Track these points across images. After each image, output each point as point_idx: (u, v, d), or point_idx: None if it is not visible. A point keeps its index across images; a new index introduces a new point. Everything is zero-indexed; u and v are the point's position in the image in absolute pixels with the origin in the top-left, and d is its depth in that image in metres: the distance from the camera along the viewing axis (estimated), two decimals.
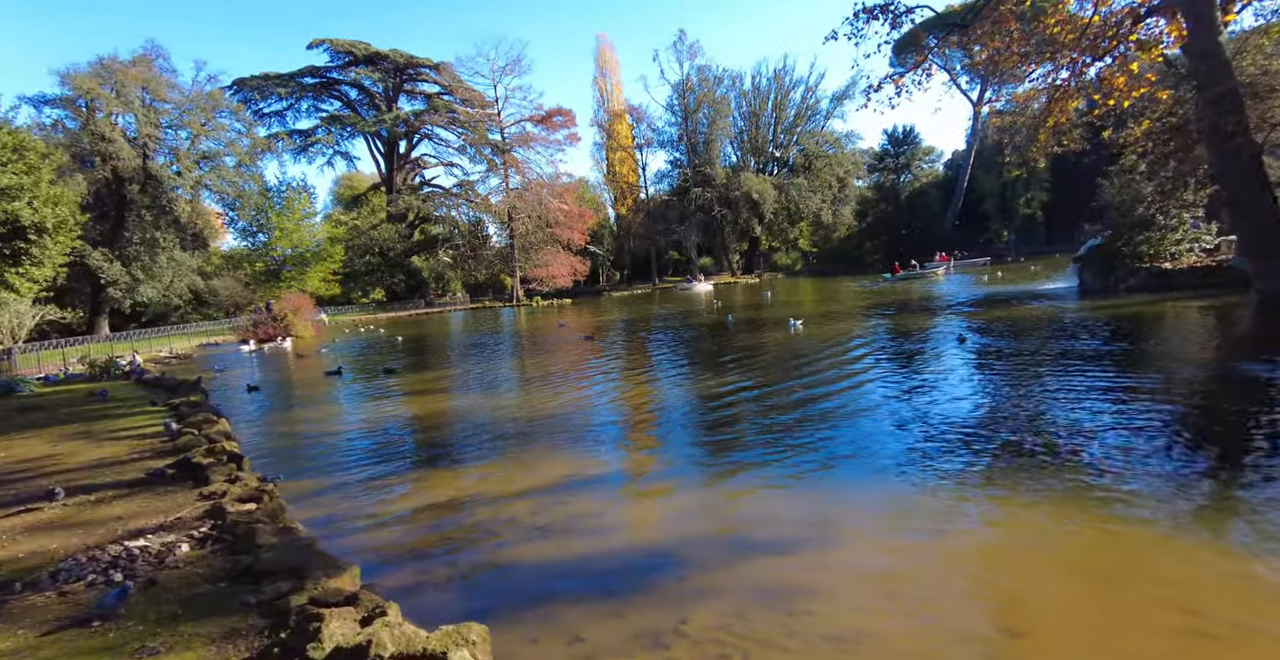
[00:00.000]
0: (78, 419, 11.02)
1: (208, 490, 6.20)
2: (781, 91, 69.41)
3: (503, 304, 56.51)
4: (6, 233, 24.11)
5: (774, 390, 10.36)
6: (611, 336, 23.23)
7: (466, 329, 34.83)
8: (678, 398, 10.60)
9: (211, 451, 7.59)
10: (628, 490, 6.07)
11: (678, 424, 8.85)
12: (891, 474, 5.78)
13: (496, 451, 7.82)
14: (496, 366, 17.45)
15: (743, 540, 4.61)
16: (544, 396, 11.70)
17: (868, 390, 9.72)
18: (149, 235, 38.23)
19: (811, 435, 7.44)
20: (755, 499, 5.60)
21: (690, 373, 13.25)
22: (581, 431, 8.69)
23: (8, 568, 4.63)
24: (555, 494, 5.87)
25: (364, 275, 56.17)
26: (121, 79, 35.50)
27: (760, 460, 6.74)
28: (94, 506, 6.02)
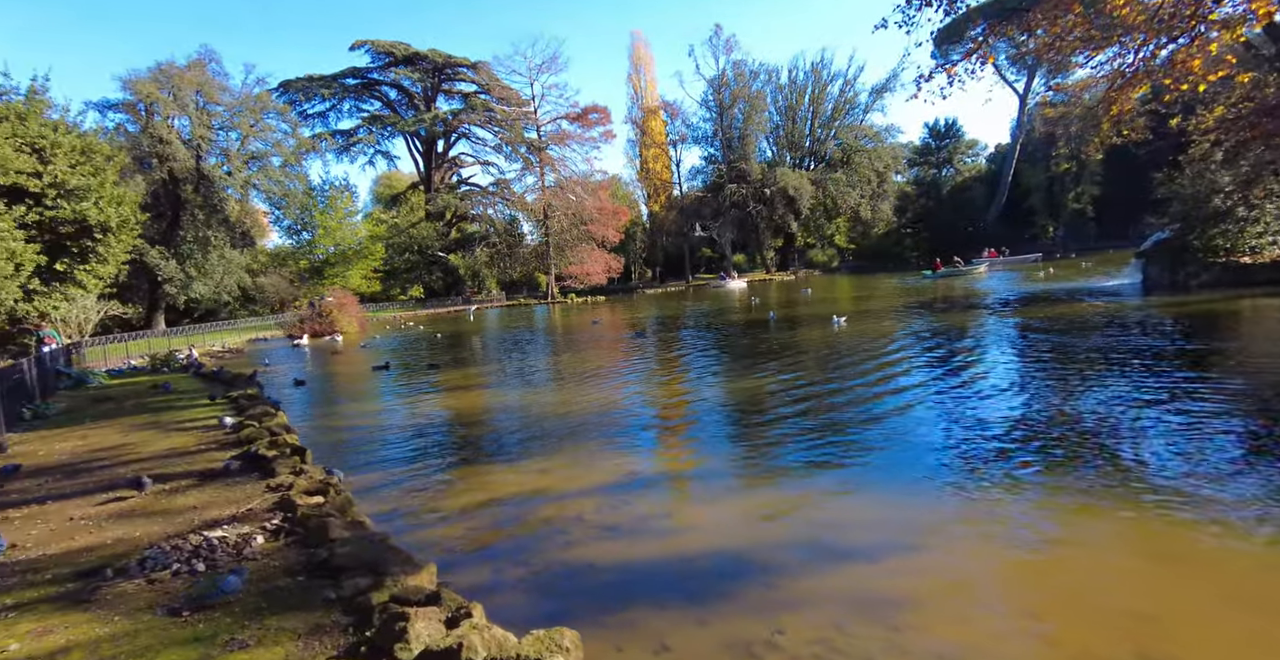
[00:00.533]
0: (145, 410, 11.41)
1: (274, 482, 6.30)
2: (819, 85, 68.20)
3: (537, 301, 56.95)
4: (75, 232, 25.17)
5: (822, 389, 10.10)
6: (651, 334, 23.12)
7: (503, 326, 35.17)
8: (726, 396, 10.41)
9: (274, 444, 7.73)
10: (692, 490, 5.93)
11: (730, 423, 8.69)
12: (956, 476, 5.56)
13: (551, 448, 7.78)
14: (537, 363, 17.51)
15: (823, 546, 4.43)
16: (590, 393, 11.64)
17: (920, 390, 9.40)
18: (201, 234, 39.65)
19: (867, 435, 7.20)
20: (824, 502, 5.41)
21: (736, 370, 13.03)
22: (634, 429, 8.59)
23: (98, 554, 4.76)
24: (618, 492, 5.78)
25: (403, 272, 57.29)
26: (178, 83, 36.87)
27: (820, 460, 6.55)
28: (170, 496, 6.17)
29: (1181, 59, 15.42)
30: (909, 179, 74.62)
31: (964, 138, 73.31)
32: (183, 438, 8.82)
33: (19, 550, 4.95)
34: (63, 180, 24.09)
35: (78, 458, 7.93)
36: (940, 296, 27.26)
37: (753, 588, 3.82)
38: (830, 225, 74.84)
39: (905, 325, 18.04)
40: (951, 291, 29.76)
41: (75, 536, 5.18)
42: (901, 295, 30.26)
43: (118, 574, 4.31)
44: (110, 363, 21.46)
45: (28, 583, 4.32)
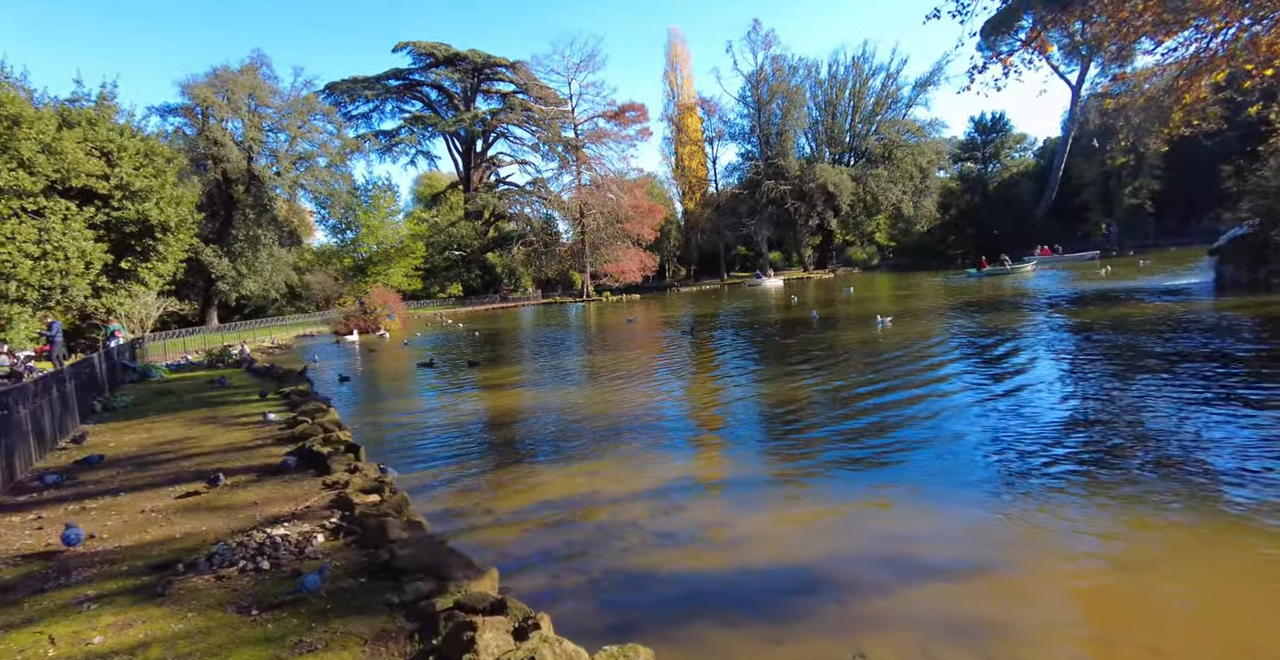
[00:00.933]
0: (203, 404, 11.81)
1: (331, 480, 6.39)
2: (860, 79, 66.65)
3: (572, 299, 57.28)
4: (138, 231, 26.38)
5: (870, 393, 9.78)
6: (699, 333, 22.92)
7: (540, 323, 35.45)
8: (771, 398, 10.18)
9: (328, 440, 7.87)
10: (746, 497, 5.75)
11: (778, 426, 8.46)
12: (1019, 485, 5.26)
13: (597, 449, 7.71)
14: (576, 361, 17.52)
15: (897, 561, 4.22)
16: (631, 393, 11.55)
17: (973, 393, 9.01)
18: (252, 233, 41.08)
19: (924, 442, 6.91)
20: (889, 513, 5.18)
21: (779, 372, 12.74)
22: (680, 431, 8.46)
23: (169, 547, 4.88)
24: (672, 498, 5.66)
25: (443, 270, 58.35)
26: (232, 87, 38.25)
27: (877, 467, 6.31)
28: (232, 491, 6.32)
29: (1269, 42, 14.47)
30: (953, 175, 72.39)
31: (1012, 132, 70.69)
32: (240, 433, 9.07)
33: (96, 541, 5.12)
34: (128, 182, 25.22)
35: (146, 450, 8.22)
36: (988, 296, 26.29)
37: (827, 605, 3.65)
38: (870, 222, 73.22)
39: (954, 326, 17.42)
40: (999, 291, 28.70)
41: (148, 529, 5.33)
42: (946, 294, 29.33)
43: (188, 569, 4.39)
44: (169, 357, 22.40)
45: (106, 574, 4.45)
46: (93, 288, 24.78)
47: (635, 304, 47.46)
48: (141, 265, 27.16)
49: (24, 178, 21.32)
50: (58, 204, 22.75)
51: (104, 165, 24.43)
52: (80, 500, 6.28)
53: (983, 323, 17.54)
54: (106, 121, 25.84)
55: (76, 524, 5.52)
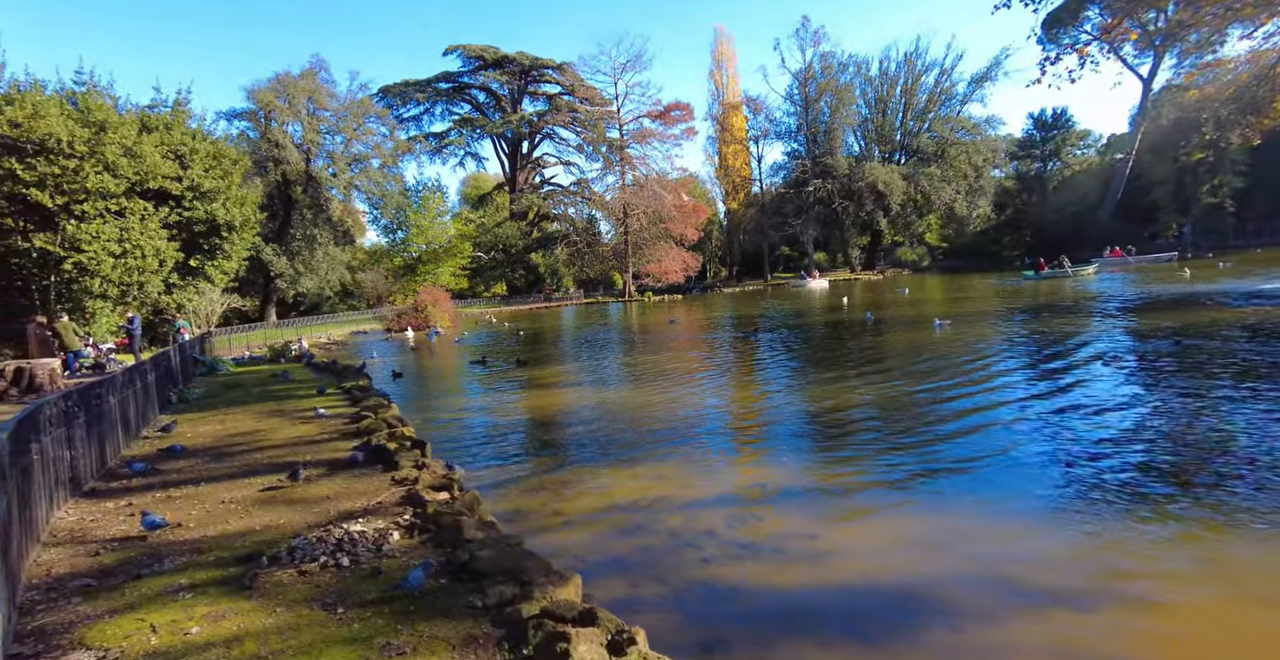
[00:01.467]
0: (269, 398, 12.20)
1: (399, 476, 6.43)
2: (913, 76, 64.75)
3: (614, 299, 57.46)
4: (206, 230, 27.66)
5: (938, 398, 9.36)
6: (741, 334, 22.60)
7: (584, 323, 35.62)
8: (836, 403, 9.85)
9: (393, 436, 7.97)
10: (827, 508, 5.49)
11: (848, 433, 8.14)
12: (1124, 506, 4.82)
13: (661, 451, 7.58)
14: (624, 361, 17.46)
15: (1008, 585, 3.93)
16: (688, 394, 11.38)
17: (1051, 402, 8.50)
18: (309, 232, 42.61)
19: (1006, 450, 6.51)
20: (981, 529, 4.86)
21: (839, 375, 12.36)
22: (745, 436, 8.25)
23: (250, 539, 4.97)
24: (747, 505, 5.48)
25: (488, 270, 59.40)
26: (292, 91, 39.78)
27: (959, 472, 5.96)
28: (305, 484, 6.43)
29: None
30: (1009, 173, 69.51)
31: (1074, 128, 67.27)
32: (306, 426, 9.29)
33: (184, 530, 5.26)
34: (198, 183, 26.47)
35: (220, 442, 8.50)
36: (1050, 299, 25.04)
37: (935, 630, 3.41)
38: (920, 222, 70.91)
39: (1017, 330, 16.60)
40: (1060, 294, 27.35)
41: (229, 520, 5.45)
42: (1003, 297, 28.11)
43: (271, 562, 4.45)
44: (234, 352, 23.37)
45: (195, 563, 4.55)
46: (165, 284, 26.12)
47: (677, 305, 47.22)
48: (208, 263, 28.47)
49: (109, 180, 22.61)
50: (136, 204, 24.03)
51: (178, 167, 25.70)
52: (166, 489, 6.50)
53: (1050, 327, 16.67)
54: (181, 126, 27.19)
55: (164, 513, 5.71)
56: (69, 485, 6.11)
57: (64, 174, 21.67)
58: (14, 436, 4.38)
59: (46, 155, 21.46)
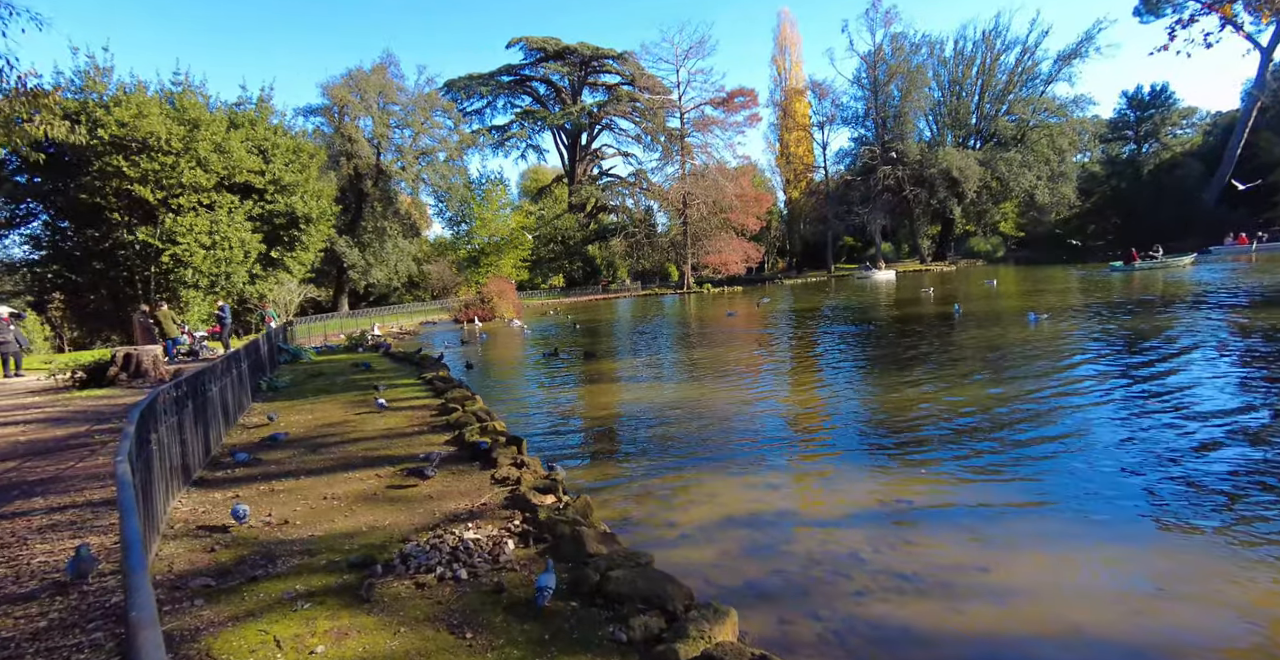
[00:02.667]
0: (353, 387, 12.33)
1: (499, 474, 6.15)
2: (991, 55, 60.81)
3: (672, 291, 56.87)
4: (285, 222, 28.74)
5: (1073, 403, 8.36)
6: (819, 328, 21.66)
7: (645, 315, 35.25)
8: (959, 403, 8.93)
9: (485, 430, 7.74)
10: (993, 532, 4.70)
11: (987, 438, 7.26)
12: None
13: (769, 455, 7.01)
14: (699, 354, 16.90)
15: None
16: (782, 392, 10.72)
17: (1206, 410, 7.38)
18: (379, 225, 43.94)
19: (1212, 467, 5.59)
20: (1223, 568, 4.07)
21: (952, 372, 11.31)
22: (864, 439, 7.52)
23: (358, 541, 4.75)
24: (888, 524, 4.87)
25: (547, 262, 59.85)
26: (364, 87, 40.94)
27: (1141, 493, 5.14)
28: (404, 480, 6.23)
29: None
30: (1095, 157, 64.49)
31: (1176, 106, 61.61)
32: (394, 418, 9.23)
33: (291, 527, 5.11)
34: (279, 177, 27.48)
35: (313, 432, 8.50)
36: (1152, 293, 22.85)
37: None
38: (995, 210, 66.80)
39: (1126, 326, 15.05)
40: (1158, 287, 25.00)
41: (334, 518, 5.28)
42: (1095, 290, 25.93)
43: (386, 570, 4.19)
44: (311, 340, 24.19)
45: (308, 567, 4.34)
46: (249, 275, 27.32)
47: (738, 296, 46.19)
48: (287, 254, 29.61)
49: (201, 175, 23.71)
50: (224, 198, 25.15)
51: (261, 162, 26.75)
52: (268, 481, 6.44)
53: (1166, 322, 15.04)
54: (264, 122, 28.27)
55: (269, 508, 5.61)
56: (181, 474, 6.12)
57: (163, 170, 22.85)
58: (137, 428, 4.27)
59: (148, 152, 22.68)
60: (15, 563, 4.61)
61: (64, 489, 6.50)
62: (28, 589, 4.09)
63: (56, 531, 5.25)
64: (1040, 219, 69.69)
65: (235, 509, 5.16)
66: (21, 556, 4.70)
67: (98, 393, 12.78)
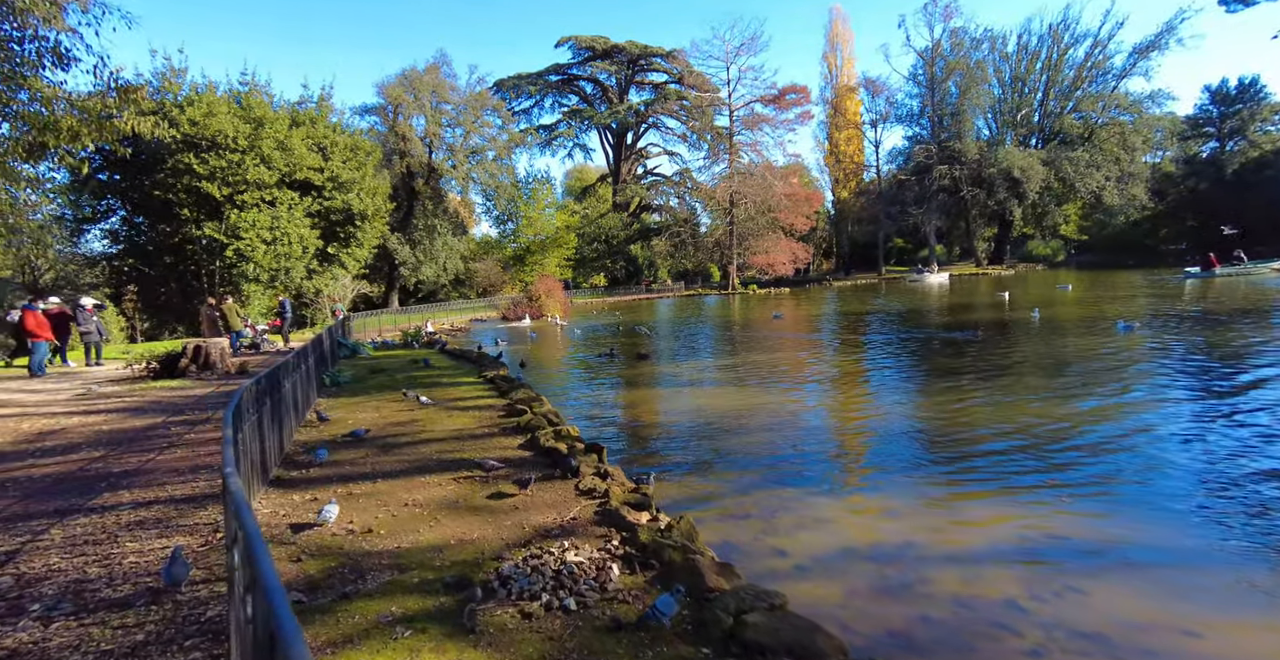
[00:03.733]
0: (415, 385, 12.20)
1: (584, 485, 5.75)
2: (1058, 49, 57.92)
3: (717, 291, 56.09)
4: (342, 219, 29.33)
5: (1203, 429, 7.47)
6: (903, 332, 20.77)
7: (692, 315, 34.68)
8: (1088, 420, 8.10)
9: (559, 435, 7.39)
10: (1189, 584, 4.01)
11: (1149, 464, 6.43)
12: None
13: (880, 477, 6.35)
14: (760, 358, 16.28)
15: None
16: (881, 404, 9.95)
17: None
18: (430, 222, 44.56)
19: None
20: None
21: (1056, 384, 10.42)
22: (987, 460, 6.73)
23: (449, 557, 4.41)
24: (1045, 565, 4.25)
25: (591, 261, 59.86)
26: (417, 86, 41.57)
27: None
28: (484, 487, 5.92)
29: None
30: (1174, 155, 60.68)
31: (1267, 100, 57.36)
32: (462, 417, 8.98)
33: (376, 537, 4.83)
34: (337, 174, 28.02)
35: (383, 431, 8.30)
36: (1235, 300, 21.05)
37: None
38: (1057, 212, 63.60)
39: (1224, 336, 13.75)
40: (1235, 293, 23.07)
41: (419, 529, 4.97)
42: (1174, 297, 24.14)
43: (486, 595, 3.82)
44: (365, 335, 24.53)
45: (400, 585, 4.02)
46: (307, 270, 27.96)
47: (785, 298, 45.13)
48: (343, 250, 30.22)
49: (264, 172, 24.32)
50: (285, 194, 25.76)
51: (320, 159, 27.33)
52: (345, 483, 6.22)
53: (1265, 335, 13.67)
54: (324, 120, 28.90)
55: (349, 513, 5.35)
56: (260, 473, 5.95)
57: (229, 167, 23.53)
58: (232, 430, 4.04)
59: (216, 150, 23.38)
60: (109, 562, 4.46)
61: (147, 482, 6.44)
62: (123, 594, 3.90)
63: (144, 529, 5.12)
64: (1106, 221, 66.19)
65: (323, 511, 4.92)
66: (115, 555, 4.56)
67: (170, 383, 13.05)
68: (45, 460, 7.56)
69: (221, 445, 3.57)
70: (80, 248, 29.15)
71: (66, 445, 8.25)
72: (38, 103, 9.62)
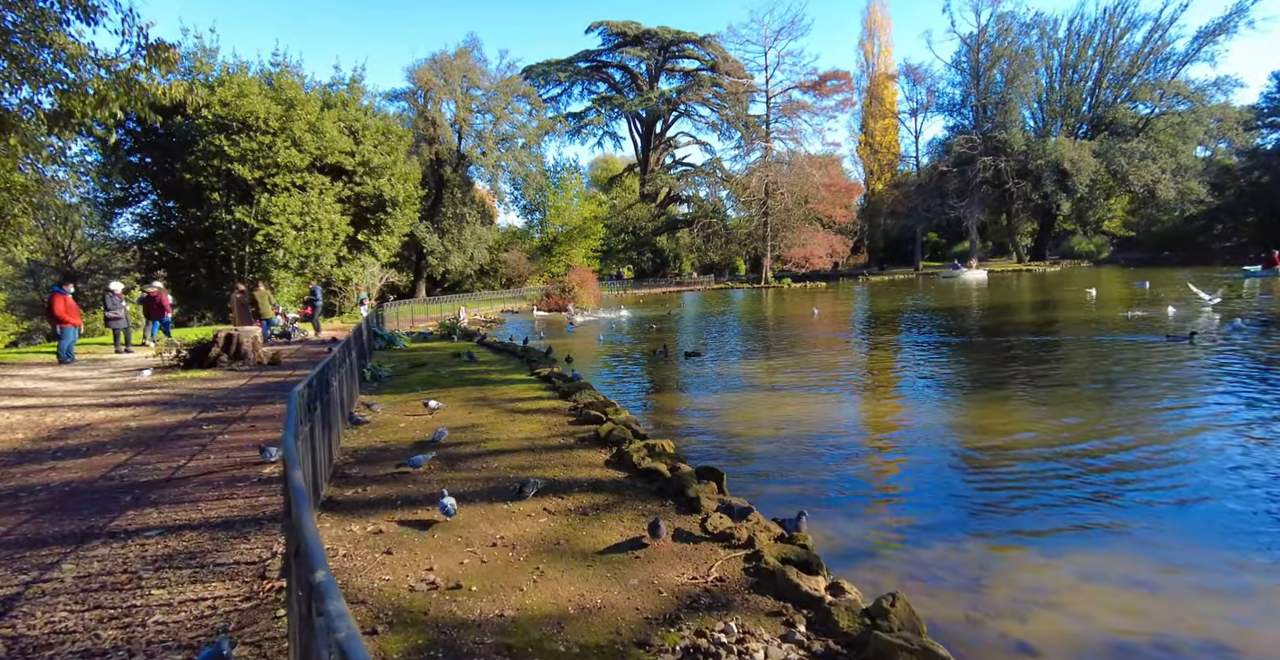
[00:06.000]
0: (463, 381, 11.16)
1: (714, 526, 4.55)
2: (1114, 34, 55.07)
3: (748, 285, 54.61)
4: (373, 205, 28.42)
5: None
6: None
7: (727, 310, 33.35)
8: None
9: (653, 451, 6.23)
10: None
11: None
12: None
13: (1069, 519, 5.05)
14: (830, 358, 14.97)
15: None
16: (1006, 418, 8.66)
17: None
18: (458, 211, 43.66)
19: None
20: None
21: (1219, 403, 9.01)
22: (1212, 503, 5.44)
23: (573, 634, 3.25)
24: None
25: (618, 252, 58.72)
26: (448, 71, 40.54)
27: None
28: (581, 521, 4.77)
29: None
30: (1239, 145, 57.51)
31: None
32: (527, 423, 7.88)
33: (466, 597, 3.69)
34: (368, 159, 27.06)
35: (447, 440, 7.21)
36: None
37: None
38: (1103, 206, 60.73)
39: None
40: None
41: (519, 583, 3.84)
42: (1248, 296, 22.24)
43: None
44: (399, 325, 23.64)
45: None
46: (337, 257, 27.13)
47: (822, 293, 43.53)
48: (373, 238, 29.34)
49: (295, 155, 23.45)
50: (316, 179, 24.89)
51: (351, 143, 26.41)
52: (411, 508, 5.12)
53: None
54: (355, 103, 27.96)
55: (427, 555, 4.25)
56: (311, 496, 4.86)
57: (260, 149, 22.69)
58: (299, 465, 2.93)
59: (248, 132, 22.56)
60: (129, 622, 3.42)
61: (178, 497, 5.46)
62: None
63: (174, 567, 4.10)
64: (1156, 217, 63.25)
65: (393, 552, 3.82)
66: (137, 611, 3.51)
67: (201, 374, 12.21)
68: (66, 462, 6.66)
69: (285, 495, 2.46)
70: (112, 232, 28.70)
71: (90, 444, 7.36)
72: (61, 63, 8.67)
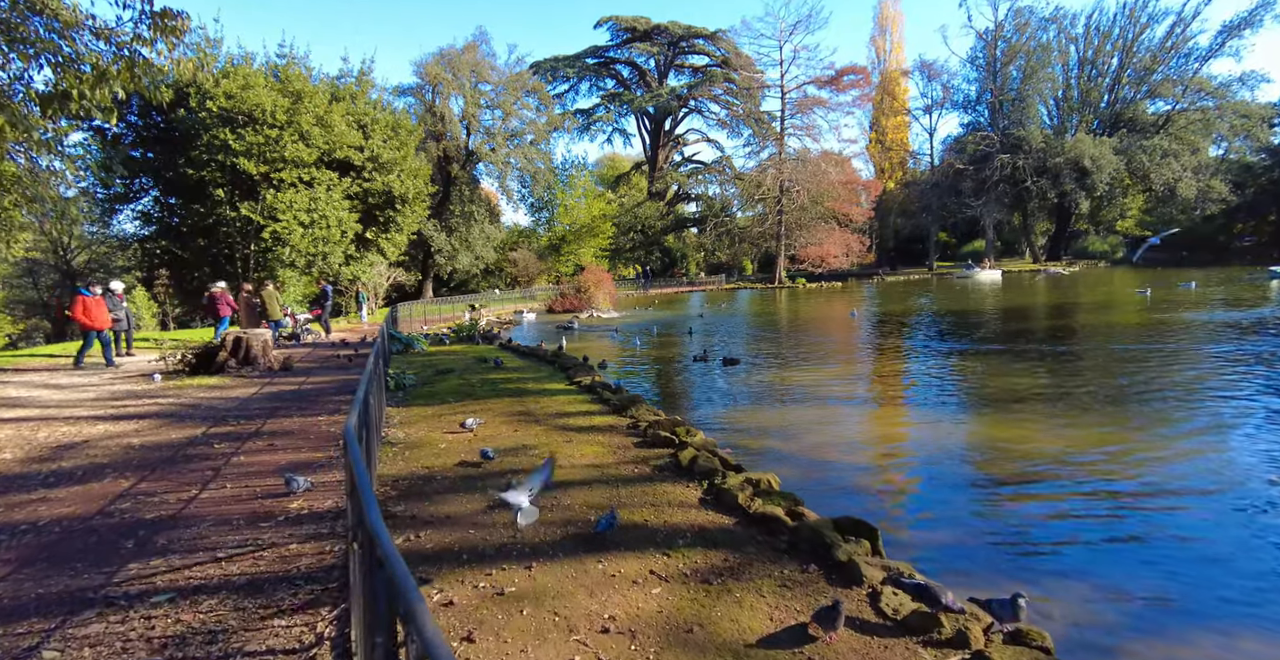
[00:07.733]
0: (497, 392, 10.14)
1: (891, 608, 3.49)
2: (1135, 29, 54.03)
3: (760, 285, 53.58)
4: (381, 202, 27.40)
5: None
6: (983, 331, 18.31)
7: (747, 311, 32.32)
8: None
9: (760, 490, 5.20)
10: None
11: None
12: None
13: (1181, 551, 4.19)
14: (891, 366, 13.98)
15: None
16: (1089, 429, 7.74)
17: None
18: (466, 209, 42.69)
19: None
20: None
21: None
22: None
23: None
24: None
25: (626, 251, 57.73)
26: (455, 64, 39.55)
27: None
28: (704, 592, 3.74)
29: None
30: (1264, 142, 56.47)
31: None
32: (586, 445, 6.83)
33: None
34: (377, 154, 26.04)
35: (494, 467, 6.18)
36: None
37: None
38: (1118, 205, 59.65)
39: None
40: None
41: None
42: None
43: None
44: (412, 327, 22.63)
45: None
46: (345, 256, 26.12)
47: (838, 293, 42.51)
48: (382, 236, 28.33)
49: (302, 149, 22.44)
50: (324, 174, 23.88)
51: (360, 137, 25.39)
52: (481, 565, 4.08)
53: None
54: (364, 96, 26.96)
55: (513, 632, 3.22)
56: None
57: (266, 143, 21.68)
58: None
59: (253, 125, 21.55)
60: None
61: (190, 543, 4.47)
62: None
63: (188, 658, 3.10)
64: (1174, 216, 62.23)
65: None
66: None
67: (208, 380, 11.22)
68: (59, 491, 5.66)
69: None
70: (112, 230, 27.67)
71: (87, 467, 6.37)
72: (54, 33, 7.63)
